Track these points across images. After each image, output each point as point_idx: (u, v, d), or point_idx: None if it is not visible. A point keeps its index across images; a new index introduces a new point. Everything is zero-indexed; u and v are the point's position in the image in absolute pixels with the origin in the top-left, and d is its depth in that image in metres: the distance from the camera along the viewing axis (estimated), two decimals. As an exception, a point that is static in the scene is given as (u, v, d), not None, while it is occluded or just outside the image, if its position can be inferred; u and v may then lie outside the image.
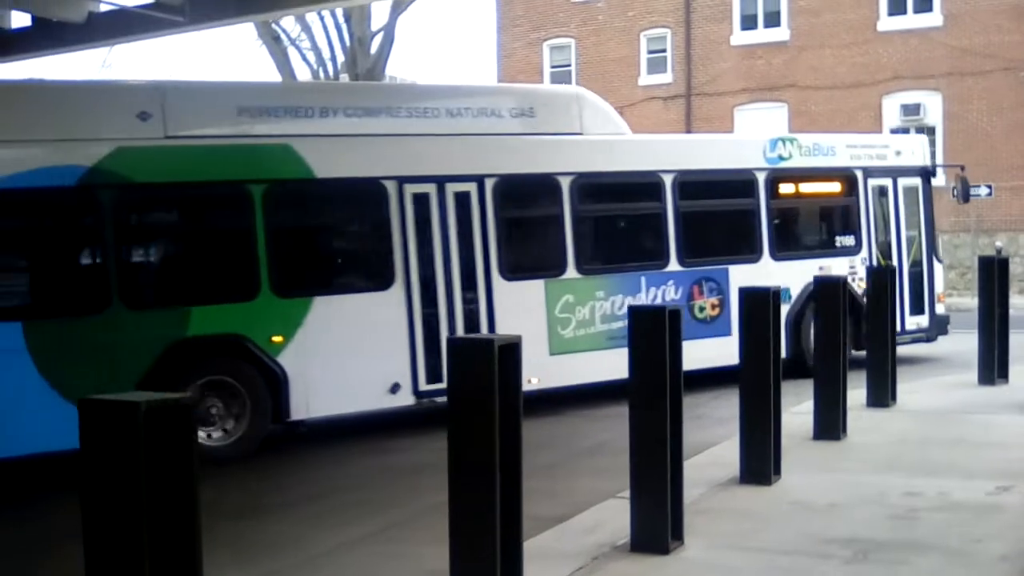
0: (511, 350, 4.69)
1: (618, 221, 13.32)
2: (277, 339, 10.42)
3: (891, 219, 14.52)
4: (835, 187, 14.35)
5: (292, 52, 30.58)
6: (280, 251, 10.70)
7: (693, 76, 31.50)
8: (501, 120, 12.17)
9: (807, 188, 14.16)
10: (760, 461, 7.37)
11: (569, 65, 34.05)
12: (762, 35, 31.00)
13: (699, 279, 12.96)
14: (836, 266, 13.63)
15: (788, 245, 13.90)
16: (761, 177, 13.52)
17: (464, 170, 11.65)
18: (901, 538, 6.05)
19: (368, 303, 11.06)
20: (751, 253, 13.48)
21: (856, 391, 9.98)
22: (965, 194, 15.64)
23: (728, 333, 12.32)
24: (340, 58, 29.89)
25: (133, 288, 10.21)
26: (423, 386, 11.18)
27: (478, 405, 4.56)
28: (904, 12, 29.30)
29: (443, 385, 9.67)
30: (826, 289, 8.95)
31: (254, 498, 8.97)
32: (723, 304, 13.00)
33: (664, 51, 32.46)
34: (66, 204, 10.03)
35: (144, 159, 10.09)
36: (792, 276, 13.17)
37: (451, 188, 11.53)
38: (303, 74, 30.52)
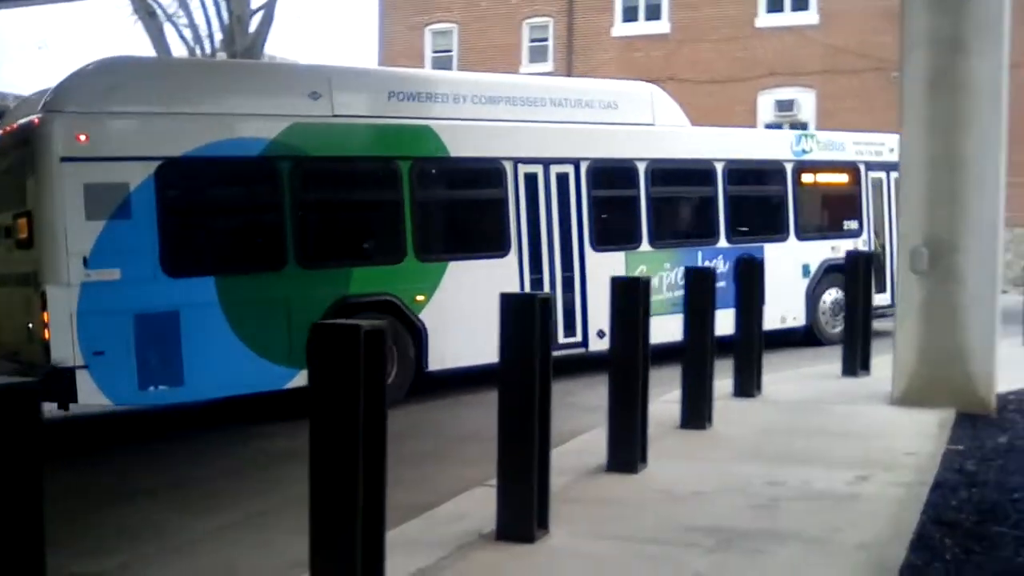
0: (377, 336, 4.60)
1: (681, 202, 15.22)
2: (420, 298, 11.81)
3: (884, 207, 16.52)
4: (844, 178, 16.35)
5: (169, 28, 29.83)
6: (422, 220, 12.19)
7: (574, 66, 31.66)
8: (592, 111, 13.90)
9: (823, 178, 16.19)
10: (627, 450, 7.41)
11: (451, 51, 33.95)
12: (643, 27, 31.33)
13: (742, 255, 13.80)
14: (844, 246, 15.22)
15: (809, 227, 15.89)
16: (789, 167, 15.52)
17: (564, 154, 13.35)
18: (763, 527, 6.14)
19: (490, 267, 12.53)
20: (781, 233, 15.46)
21: (723, 381, 10.14)
22: None
23: (763, 303, 12.72)
24: (218, 36, 29.25)
25: (305, 249, 11.30)
26: None
27: (341, 392, 4.47)
28: (781, 10, 29.91)
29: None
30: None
31: (125, 483, 8.72)
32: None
33: (546, 40, 32.60)
34: (250, 172, 11.31)
35: (315, 134, 11.41)
36: (812, 254, 15.46)
37: (554, 169, 13.25)
38: (179, 51, 29.80)
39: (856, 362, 11.64)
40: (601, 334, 12.79)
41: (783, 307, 15.04)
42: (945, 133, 9.65)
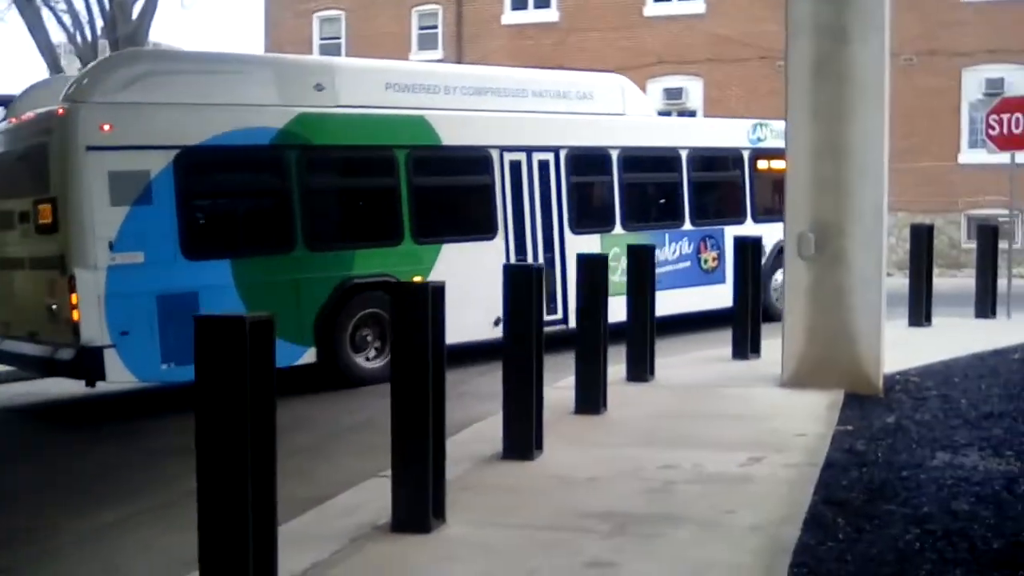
0: (264, 327, 4.47)
1: (650, 188, 16.11)
2: (417, 279, 11.75)
3: None
4: None
5: (47, 14, 28.90)
6: (418, 204, 12.83)
7: (464, 54, 31.53)
8: (569, 101, 14.82)
9: (776, 164, 16.02)
10: (522, 436, 7.38)
11: (339, 38, 33.57)
12: (532, 15, 31.33)
13: (704, 237, 15.87)
14: None
15: (763, 210, 16.59)
16: (746, 154, 16.59)
17: (545, 142, 14.23)
18: (657, 511, 6.15)
19: (479, 250, 13.30)
20: (739, 216, 16.49)
21: (617, 366, 10.18)
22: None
23: (723, 281, 14.69)
24: (99, 22, 28.44)
25: (312, 233, 11.96)
26: None
27: (228, 386, 4.33)
28: (669, -1, 30.21)
29: None
30: (588, 265, 9.06)
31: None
32: (720, 258, 15.96)
33: (435, 27, 32.41)
34: (261, 160, 11.94)
35: (321, 124, 12.08)
36: (768, 235, 14.81)
37: (536, 157, 14.11)
38: (58, 38, 28.92)
39: (747, 345, 11.79)
40: None
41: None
42: (829, 120, 9.80)
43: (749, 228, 15.82)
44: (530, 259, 13.77)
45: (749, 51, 28.18)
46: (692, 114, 28.92)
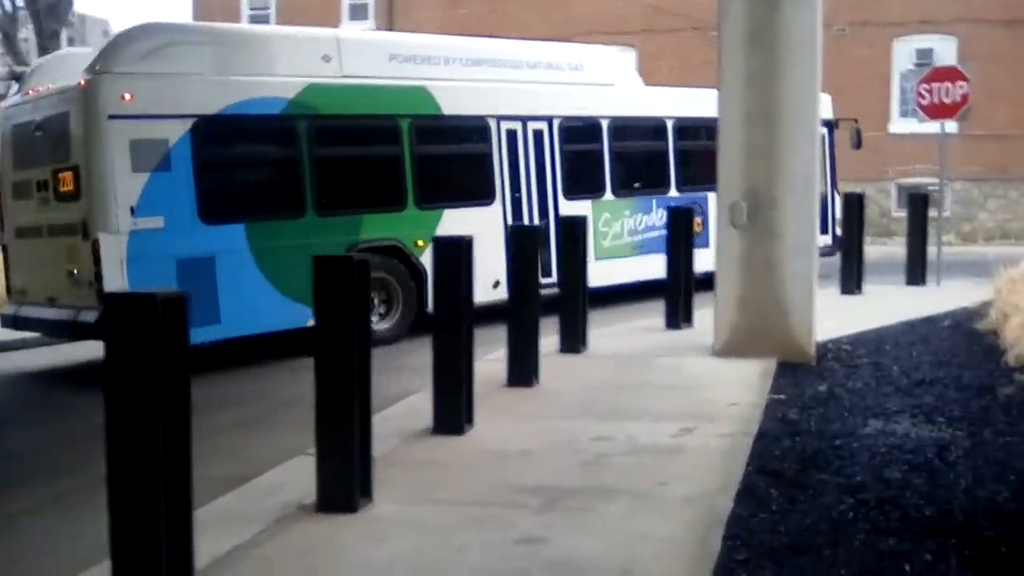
0: (176, 304, 4.27)
1: (638, 156, 16.60)
2: (420, 243, 12.66)
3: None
4: None
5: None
6: (420, 171, 13.32)
7: (395, 23, 31.17)
8: (562, 72, 15.31)
9: None
10: (453, 410, 7.25)
11: (268, 8, 33.03)
12: (464, -15, 31.05)
13: (690, 203, 15.26)
14: None
15: None
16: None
17: (540, 111, 14.71)
18: (590, 484, 6.06)
19: (479, 215, 13.65)
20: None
21: (550, 338, 10.08)
22: (858, 142, 18.22)
23: (707, 245, 14.31)
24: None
25: (321, 198, 12.39)
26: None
27: (138, 365, 4.14)
28: (601, -31, 30.04)
29: None
30: (521, 238, 8.92)
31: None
32: (704, 223, 15.76)
33: (366, -3, 32.01)
34: (273, 129, 12.33)
35: (327, 94, 12.51)
36: None
37: (531, 125, 14.61)
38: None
39: (679, 315, 11.75)
40: None
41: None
42: (762, 87, 9.73)
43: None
44: (526, 223, 14.26)
45: (681, 21, 28.16)
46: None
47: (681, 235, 11.95)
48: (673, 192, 16.44)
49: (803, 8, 9.63)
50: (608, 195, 15.62)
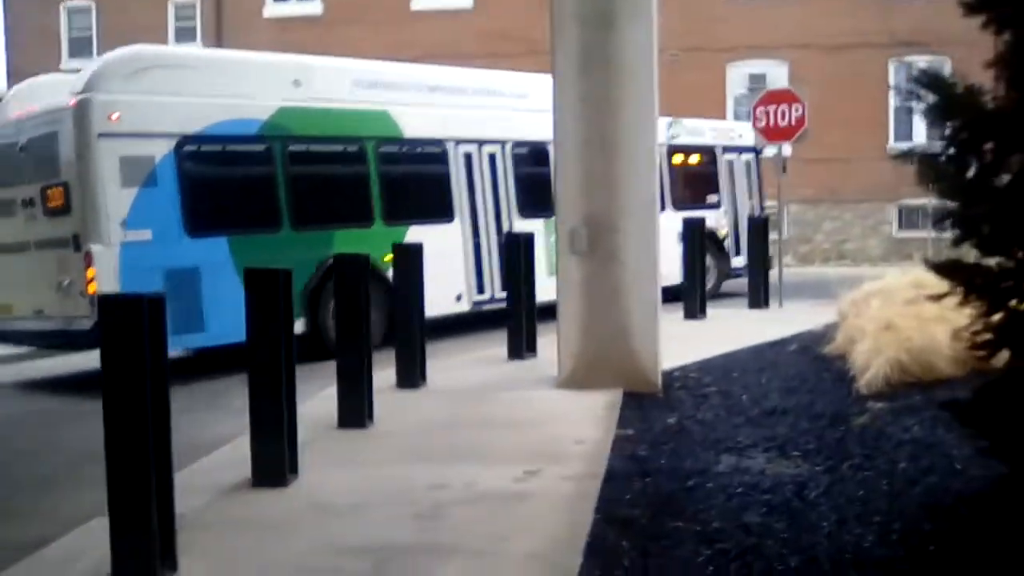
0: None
1: None
2: (387, 258, 12.01)
3: (736, 183, 19.94)
4: (704, 158, 19.60)
5: None
6: (386, 190, 14.19)
7: (225, 47, 30.13)
8: (509, 99, 16.17)
9: (691, 159, 19.37)
10: (273, 459, 6.53)
11: (90, 30, 31.60)
12: (295, 8, 30.34)
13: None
14: (711, 217, 18.28)
15: (680, 201, 18.66)
16: (663, 150, 17.75)
17: (492, 135, 15.69)
18: (425, 540, 5.45)
19: (440, 232, 14.55)
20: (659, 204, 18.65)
21: (386, 371, 9.48)
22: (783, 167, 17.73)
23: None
24: None
25: (296, 214, 13.13)
26: (475, 297, 15.23)
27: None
28: (437, -7, 29.68)
29: (486, 296, 15.24)
30: (346, 269, 8.27)
31: None
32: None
33: (193, 20, 30.90)
34: (250, 148, 12.99)
35: (298, 116, 13.18)
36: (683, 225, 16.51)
37: (486, 149, 15.63)
38: None
39: (522, 344, 11.26)
40: None
41: (664, 268, 17.63)
42: (598, 112, 9.35)
43: (669, 217, 16.13)
44: (483, 241, 15.46)
45: (518, 46, 27.86)
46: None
47: (521, 261, 11.47)
48: None
49: (637, 31, 9.29)
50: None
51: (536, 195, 15.84)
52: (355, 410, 8.17)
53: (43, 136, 11.83)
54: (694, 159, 19.37)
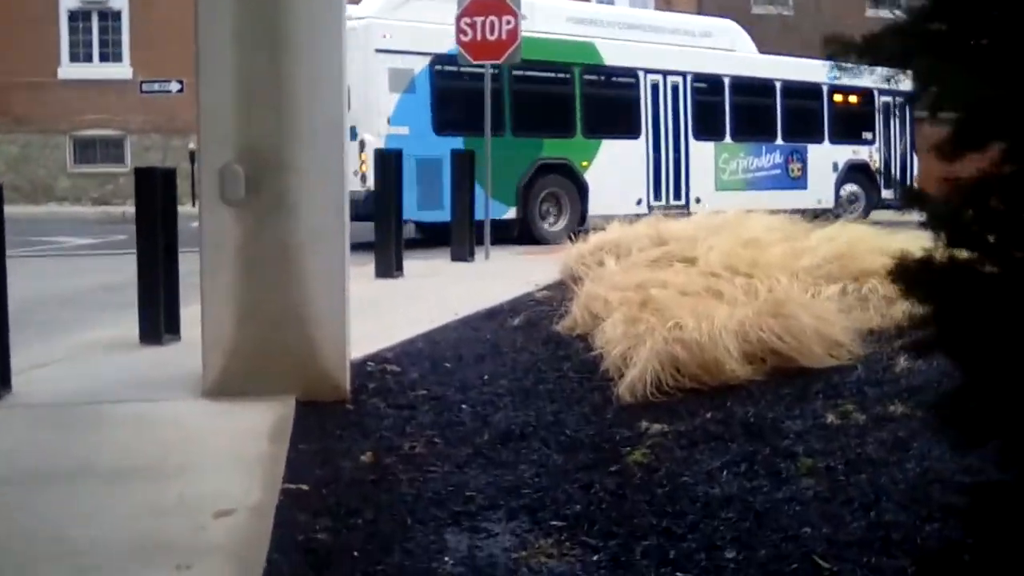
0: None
1: (752, 108, 20.57)
2: (584, 164, 17.83)
3: (889, 123, 23.12)
4: (860, 99, 22.17)
5: None
6: (586, 108, 18.13)
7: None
8: (695, 38, 20.00)
9: (851, 98, 22.05)
10: None
11: None
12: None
13: (792, 151, 20.97)
14: (862, 151, 22.47)
15: (838, 134, 21.87)
16: (825, 88, 21.19)
17: (677, 68, 19.20)
18: None
19: (628, 146, 18.63)
20: (819, 137, 21.65)
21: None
22: None
23: (806, 187, 21.15)
24: None
25: (517, 124, 17.16)
26: (651, 202, 18.76)
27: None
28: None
29: (662, 203, 18.90)
30: None
31: None
32: (804, 168, 21.17)
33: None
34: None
35: (524, 44, 14.15)
36: (839, 156, 22.00)
37: (670, 80, 19.11)
38: None
39: (160, 323, 8.27)
40: (698, 200, 19.23)
41: (820, 193, 21.35)
42: None
43: (826, 148, 21.58)
44: (663, 157, 19.11)
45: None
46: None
47: (158, 209, 8.43)
48: (779, 140, 20.91)
49: None
50: (727, 139, 20.05)
51: (710, 121, 19.63)
52: None
53: None
54: (851, 98, 22.06)
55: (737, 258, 8.26)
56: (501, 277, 11.30)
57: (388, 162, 12.42)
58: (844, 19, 24.39)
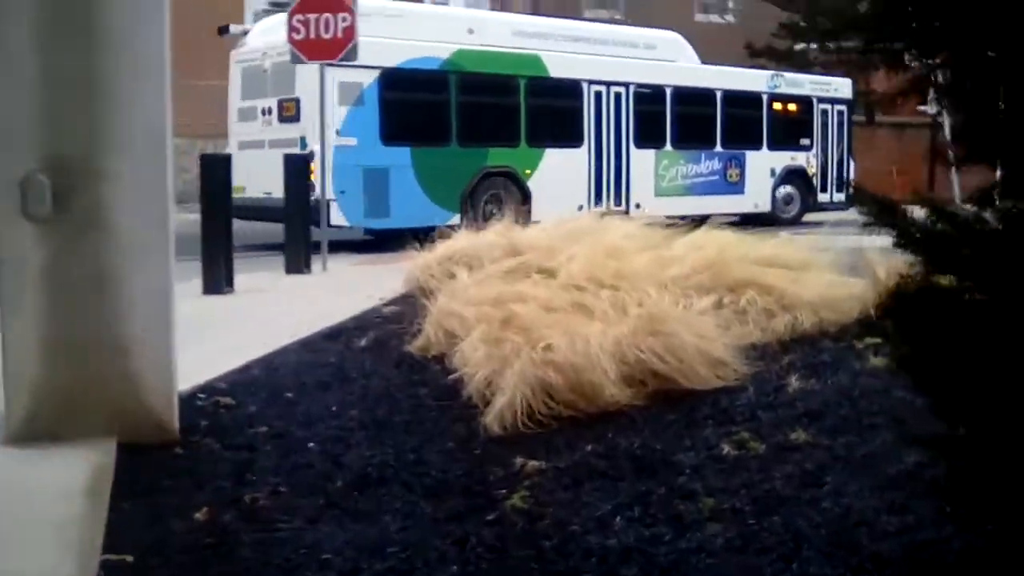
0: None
1: (693, 117, 21.22)
2: (528, 172, 18.46)
3: (826, 130, 23.66)
4: (802, 107, 22.96)
5: None
6: (531, 119, 18.63)
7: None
8: (639, 50, 20.96)
9: (790, 106, 22.79)
10: None
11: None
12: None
13: (731, 158, 21.78)
14: (799, 157, 23.04)
15: (776, 142, 22.60)
16: (765, 97, 22.30)
17: (620, 79, 20.04)
18: None
19: (570, 155, 19.35)
20: (758, 144, 22.31)
21: None
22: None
23: (743, 192, 22.10)
24: None
25: (462, 134, 17.79)
26: (592, 208, 18.63)
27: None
28: None
29: (604, 208, 18.41)
30: None
31: None
32: (743, 174, 21.97)
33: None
34: (432, 80, 17.51)
35: (471, 57, 17.84)
36: (777, 162, 22.67)
37: (612, 89, 19.96)
38: None
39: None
40: (638, 205, 19.73)
41: (757, 197, 22.19)
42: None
43: (764, 155, 22.29)
44: (604, 165, 19.69)
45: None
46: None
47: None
48: (719, 148, 21.42)
49: None
50: (668, 147, 20.65)
51: (650, 130, 20.30)
52: None
53: (284, 62, 14.58)
54: (789, 107, 22.72)
55: (600, 269, 7.71)
56: (343, 291, 10.54)
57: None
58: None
